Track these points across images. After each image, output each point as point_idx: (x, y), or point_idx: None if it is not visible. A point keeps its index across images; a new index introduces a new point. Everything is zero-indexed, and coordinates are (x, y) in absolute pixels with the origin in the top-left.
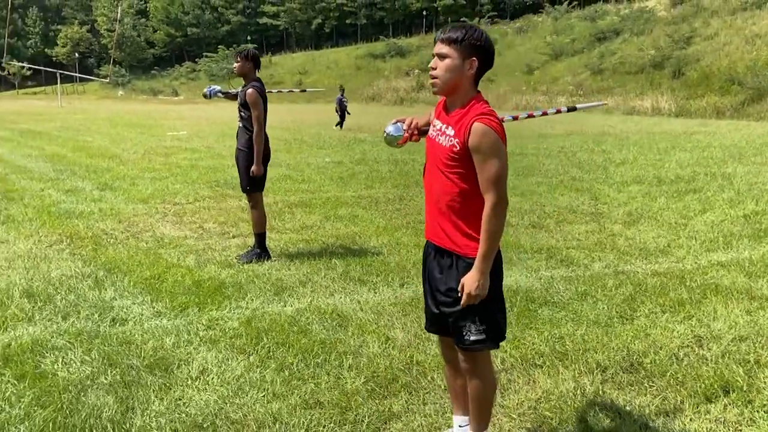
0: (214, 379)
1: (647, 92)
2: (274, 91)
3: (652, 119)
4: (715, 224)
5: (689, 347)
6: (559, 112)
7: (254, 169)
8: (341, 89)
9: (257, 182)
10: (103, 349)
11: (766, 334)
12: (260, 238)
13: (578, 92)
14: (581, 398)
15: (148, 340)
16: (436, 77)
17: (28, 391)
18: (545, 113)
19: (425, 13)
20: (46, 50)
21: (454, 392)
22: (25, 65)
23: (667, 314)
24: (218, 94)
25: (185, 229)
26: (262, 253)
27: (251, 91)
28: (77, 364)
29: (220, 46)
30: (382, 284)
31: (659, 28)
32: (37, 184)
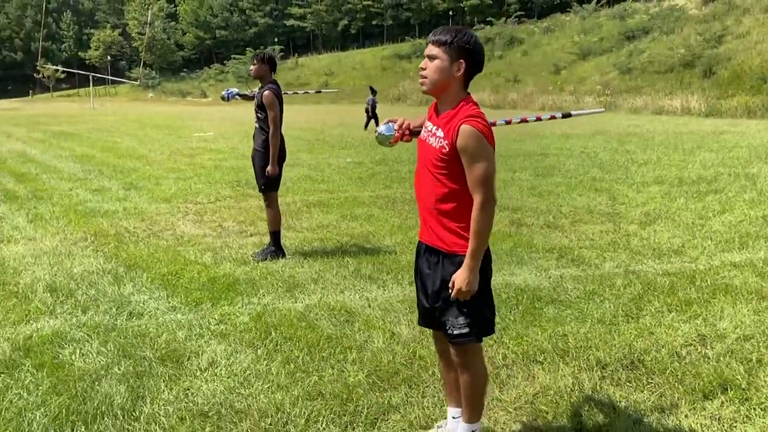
0: (222, 370)
1: (677, 92)
2: (289, 92)
3: (681, 119)
4: (732, 225)
5: (692, 345)
6: (553, 118)
7: (269, 169)
8: (373, 91)
9: (272, 182)
10: (118, 341)
11: None
12: (275, 236)
13: (605, 92)
14: (578, 394)
15: (161, 333)
16: (425, 77)
17: (45, 379)
18: (539, 119)
19: (451, 13)
20: (79, 53)
21: (447, 385)
22: (59, 68)
23: (673, 313)
24: (236, 96)
25: (205, 227)
26: (276, 250)
27: (267, 92)
28: (93, 355)
29: (248, 48)
30: (392, 282)
31: (690, 26)
32: (66, 183)
